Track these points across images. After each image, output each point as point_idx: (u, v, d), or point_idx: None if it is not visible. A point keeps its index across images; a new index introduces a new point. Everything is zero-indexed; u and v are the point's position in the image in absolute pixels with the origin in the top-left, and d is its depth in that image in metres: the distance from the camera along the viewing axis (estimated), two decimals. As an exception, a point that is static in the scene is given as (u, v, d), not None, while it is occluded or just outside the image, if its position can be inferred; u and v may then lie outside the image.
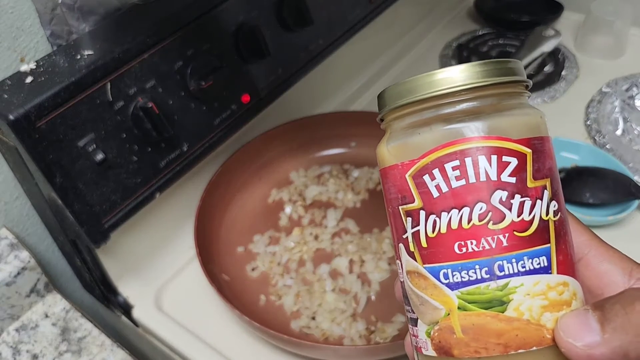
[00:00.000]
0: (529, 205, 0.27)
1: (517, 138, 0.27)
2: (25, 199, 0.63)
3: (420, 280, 0.28)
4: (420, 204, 0.28)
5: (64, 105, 0.48)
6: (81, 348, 0.62)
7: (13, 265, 0.61)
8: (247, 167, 0.72)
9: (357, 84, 0.90)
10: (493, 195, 0.27)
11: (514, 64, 0.29)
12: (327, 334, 0.58)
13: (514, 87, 0.29)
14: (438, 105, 0.28)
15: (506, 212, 0.27)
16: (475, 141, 0.27)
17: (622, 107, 0.80)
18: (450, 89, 0.28)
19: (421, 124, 0.28)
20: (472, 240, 0.27)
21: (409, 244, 0.29)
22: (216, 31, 0.59)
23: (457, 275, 0.27)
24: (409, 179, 0.28)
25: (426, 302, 0.28)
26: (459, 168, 0.27)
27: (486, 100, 0.28)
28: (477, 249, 0.27)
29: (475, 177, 0.27)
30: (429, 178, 0.27)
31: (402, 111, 0.29)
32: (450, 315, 0.27)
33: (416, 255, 0.28)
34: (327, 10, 0.71)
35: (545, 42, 0.84)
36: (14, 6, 0.53)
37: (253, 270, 0.65)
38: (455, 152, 0.27)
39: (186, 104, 0.58)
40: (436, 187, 0.27)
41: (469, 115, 0.28)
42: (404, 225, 0.29)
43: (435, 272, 0.28)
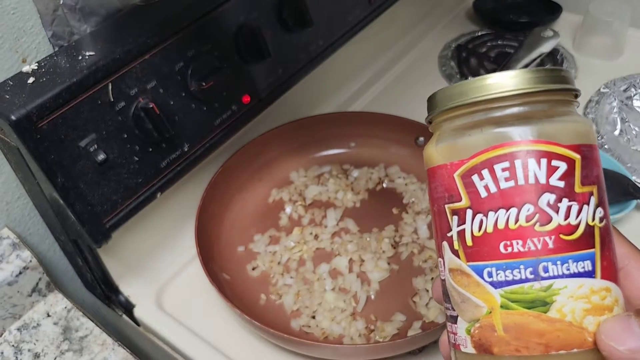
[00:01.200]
0: (576, 209, 0.28)
1: (566, 144, 0.28)
2: (27, 199, 0.63)
3: (463, 278, 0.29)
4: (468, 203, 0.29)
5: (65, 106, 0.48)
6: (82, 347, 0.62)
7: (15, 264, 0.62)
8: (248, 167, 0.72)
9: (357, 85, 0.90)
10: (541, 197, 0.27)
11: (565, 73, 0.30)
12: (327, 332, 0.58)
13: (564, 95, 0.30)
14: (490, 108, 0.29)
15: (553, 215, 0.27)
16: (526, 144, 0.28)
17: (620, 107, 0.80)
18: (504, 93, 0.28)
19: (472, 126, 0.29)
20: (518, 240, 0.27)
21: (454, 242, 0.29)
22: (217, 32, 0.59)
23: (501, 274, 0.28)
24: (457, 178, 0.29)
25: (468, 300, 0.29)
26: (508, 170, 0.28)
27: (537, 106, 0.29)
28: (523, 250, 0.27)
29: (524, 179, 0.27)
30: (478, 178, 0.28)
31: (453, 113, 0.30)
32: (492, 313, 0.28)
33: (460, 253, 0.29)
34: (327, 12, 0.71)
35: (544, 43, 0.84)
36: (15, 7, 0.53)
37: (253, 269, 0.66)
38: (505, 154, 0.28)
39: (187, 105, 0.58)
40: (485, 187, 0.28)
41: (520, 119, 0.28)
42: (449, 223, 0.30)
43: (479, 270, 0.28)
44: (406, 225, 0.68)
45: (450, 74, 0.93)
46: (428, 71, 0.95)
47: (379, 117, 0.75)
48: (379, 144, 0.76)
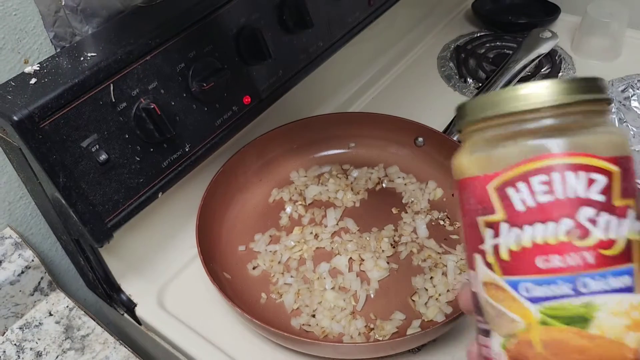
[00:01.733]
0: (616, 223, 0.27)
1: (604, 155, 0.27)
2: (29, 198, 0.63)
3: (497, 292, 0.28)
4: (503, 216, 0.28)
5: (67, 106, 0.49)
6: (84, 346, 0.62)
7: (17, 264, 0.62)
8: (248, 167, 0.73)
9: (357, 86, 0.91)
10: (579, 211, 0.27)
11: (600, 82, 0.29)
12: (327, 331, 0.59)
13: (599, 105, 0.29)
14: (524, 120, 0.28)
15: (592, 229, 0.27)
16: (563, 157, 0.27)
17: (618, 107, 0.81)
18: (539, 104, 0.28)
19: (505, 137, 0.28)
20: (556, 255, 0.27)
21: (487, 255, 0.29)
22: (218, 33, 0.59)
23: (538, 290, 0.27)
24: (491, 190, 0.28)
25: (503, 315, 0.28)
26: (545, 183, 0.27)
27: (572, 117, 0.28)
28: (561, 265, 0.27)
29: (562, 192, 0.27)
30: (514, 191, 0.28)
31: (485, 123, 0.29)
32: (529, 329, 0.27)
33: (495, 267, 0.28)
34: (327, 13, 0.71)
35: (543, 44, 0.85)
36: (17, 9, 0.54)
37: (254, 268, 0.66)
38: (542, 167, 0.27)
39: (188, 105, 0.58)
40: (521, 201, 0.27)
41: (555, 131, 0.28)
42: (481, 235, 0.29)
43: (515, 285, 0.28)
44: (405, 225, 0.69)
45: (449, 74, 0.94)
46: (427, 72, 0.96)
47: (378, 118, 0.75)
48: (378, 144, 0.77)
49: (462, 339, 0.58)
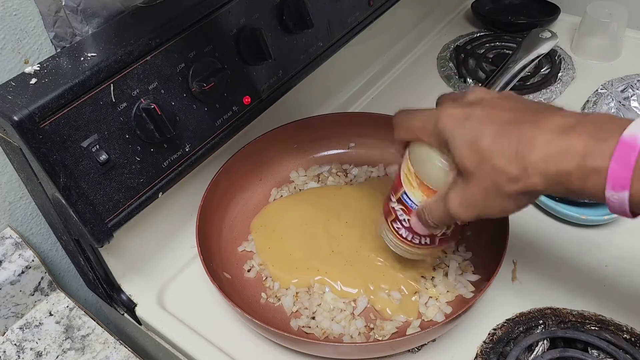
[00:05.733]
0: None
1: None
2: (29, 198, 0.63)
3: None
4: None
5: (67, 107, 0.49)
6: (84, 346, 0.62)
7: (17, 264, 0.62)
8: (248, 167, 0.73)
9: (357, 86, 0.91)
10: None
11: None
12: (327, 332, 0.59)
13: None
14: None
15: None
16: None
17: (617, 108, 0.81)
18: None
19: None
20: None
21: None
22: (218, 33, 0.59)
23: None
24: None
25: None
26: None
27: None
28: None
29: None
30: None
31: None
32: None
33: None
34: (327, 13, 0.71)
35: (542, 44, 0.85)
36: (17, 9, 0.54)
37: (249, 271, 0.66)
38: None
39: (188, 105, 0.58)
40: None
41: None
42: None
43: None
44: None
45: (449, 74, 0.94)
46: (427, 72, 0.96)
47: (378, 118, 0.75)
48: (378, 144, 0.77)
49: (462, 339, 0.58)
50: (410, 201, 0.51)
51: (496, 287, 0.61)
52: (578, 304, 0.59)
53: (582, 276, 0.62)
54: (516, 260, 0.65)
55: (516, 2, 1.07)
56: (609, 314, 0.58)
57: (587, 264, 0.64)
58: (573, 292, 0.61)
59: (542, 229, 0.68)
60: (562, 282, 0.62)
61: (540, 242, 0.66)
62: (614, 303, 0.59)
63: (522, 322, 0.58)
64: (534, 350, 0.55)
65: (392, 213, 0.54)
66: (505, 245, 0.57)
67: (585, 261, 0.64)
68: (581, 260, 0.64)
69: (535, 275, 0.63)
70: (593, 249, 0.65)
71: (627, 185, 0.36)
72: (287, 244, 0.66)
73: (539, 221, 0.69)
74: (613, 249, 0.65)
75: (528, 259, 0.65)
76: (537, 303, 0.60)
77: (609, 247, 0.65)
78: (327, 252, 0.65)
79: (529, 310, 0.59)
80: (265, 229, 0.69)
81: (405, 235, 0.54)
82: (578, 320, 0.57)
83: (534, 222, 0.69)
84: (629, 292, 0.60)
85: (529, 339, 0.56)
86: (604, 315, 0.58)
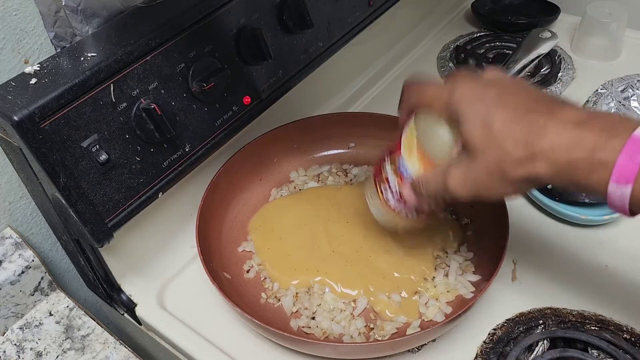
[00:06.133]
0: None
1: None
2: (29, 198, 0.63)
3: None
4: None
5: (67, 107, 0.49)
6: (84, 346, 0.62)
7: (17, 264, 0.62)
8: (248, 167, 0.73)
9: (357, 86, 0.91)
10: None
11: None
12: (327, 332, 0.59)
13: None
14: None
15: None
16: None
17: (617, 108, 0.81)
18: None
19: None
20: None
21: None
22: (218, 33, 0.59)
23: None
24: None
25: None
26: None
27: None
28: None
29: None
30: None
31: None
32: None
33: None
34: (327, 13, 0.71)
35: (542, 44, 0.85)
36: (17, 9, 0.54)
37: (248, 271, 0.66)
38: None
39: (188, 105, 0.58)
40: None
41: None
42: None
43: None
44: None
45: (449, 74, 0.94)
46: (427, 72, 0.96)
47: (378, 118, 0.75)
48: (378, 144, 0.76)
49: (462, 339, 0.58)
50: (404, 168, 0.51)
51: (496, 287, 0.61)
52: (578, 304, 0.59)
53: (582, 276, 0.62)
54: (516, 260, 0.65)
55: (516, 2, 1.07)
56: (609, 314, 0.58)
57: (587, 264, 0.64)
58: (573, 292, 0.61)
59: (542, 229, 0.68)
60: (562, 282, 0.62)
61: (540, 242, 0.66)
62: (614, 303, 0.59)
63: (522, 322, 0.58)
64: (534, 350, 0.55)
65: (382, 174, 0.54)
66: (505, 245, 0.57)
67: (585, 261, 0.64)
68: (581, 260, 0.64)
69: (535, 275, 0.63)
70: (593, 249, 0.65)
71: (631, 180, 0.36)
72: (287, 244, 0.66)
73: (539, 221, 0.69)
74: (613, 249, 0.65)
75: (528, 259, 0.65)
76: (537, 303, 0.60)
77: (609, 247, 0.65)
78: (327, 252, 0.65)
79: (529, 310, 0.59)
80: (264, 229, 0.69)
81: (389, 200, 0.54)
82: (578, 320, 0.57)
83: (534, 222, 0.69)
84: (629, 292, 0.60)
85: (529, 339, 0.56)
86: (604, 315, 0.58)
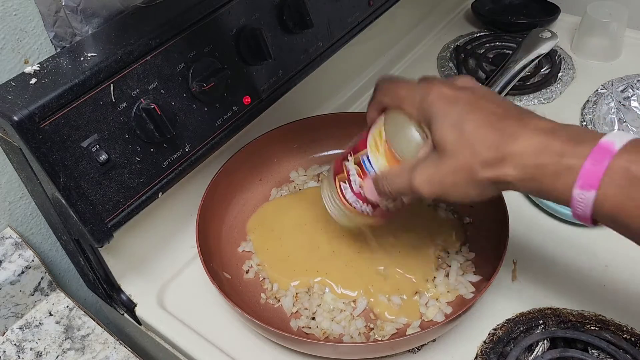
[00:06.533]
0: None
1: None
2: (29, 198, 0.63)
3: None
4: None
5: (67, 106, 0.49)
6: (84, 346, 0.62)
7: (17, 264, 0.62)
8: (248, 167, 0.73)
9: (357, 86, 0.91)
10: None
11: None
12: (327, 332, 0.59)
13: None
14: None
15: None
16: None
17: (617, 107, 0.81)
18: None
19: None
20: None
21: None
22: (218, 33, 0.59)
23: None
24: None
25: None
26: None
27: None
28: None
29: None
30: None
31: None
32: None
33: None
34: (327, 13, 0.71)
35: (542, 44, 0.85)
36: (17, 9, 0.54)
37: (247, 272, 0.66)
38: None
39: (188, 105, 0.58)
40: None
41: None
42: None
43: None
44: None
45: (449, 74, 0.94)
46: (427, 72, 0.95)
47: (378, 118, 0.75)
48: (378, 144, 0.77)
49: (462, 339, 0.58)
50: (369, 165, 0.51)
51: (496, 287, 0.61)
52: (578, 304, 0.59)
53: (582, 276, 0.62)
54: (516, 260, 0.65)
55: (516, 2, 1.07)
56: (609, 314, 0.58)
57: (587, 264, 0.64)
58: (573, 292, 0.61)
59: (542, 229, 0.68)
60: (562, 282, 0.62)
61: (540, 242, 0.66)
62: (614, 303, 0.59)
63: (522, 322, 0.58)
64: (534, 350, 0.55)
65: (343, 172, 0.54)
66: (505, 245, 0.57)
67: (585, 261, 0.64)
68: (581, 260, 0.64)
69: (535, 275, 0.63)
70: (593, 249, 0.65)
71: (595, 185, 0.37)
72: (286, 245, 0.66)
73: (539, 221, 0.69)
74: (613, 249, 0.65)
75: (528, 259, 0.65)
76: (537, 303, 0.60)
77: (609, 247, 0.65)
78: (327, 252, 0.65)
79: (529, 310, 0.59)
80: (263, 229, 0.69)
81: (348, 197, 0.54)
82: (578, 320, 0.57)
83: (534, 222, 0.69)
84: (629, 292, 0.60)
85: (529, 339, 0.56)
86: (604, 315, 0.58)
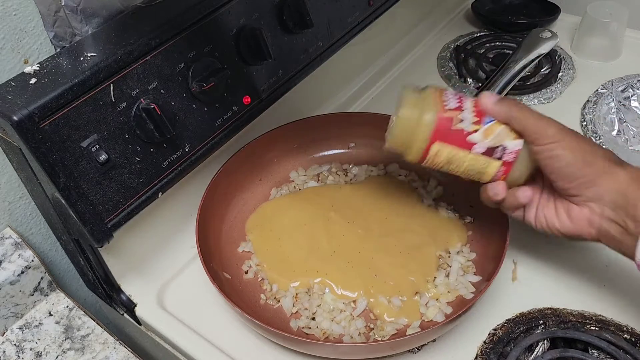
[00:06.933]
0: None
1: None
2: (29, 198, 0.63)
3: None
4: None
5: (67, 106, 0.49)
6: (84, 346, 0.62)
7: (17, 264, 0.62)
8: (248, 167, 0.73)
9: (357, 86, 0.91)
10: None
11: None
12: (327, 332, 0.59)
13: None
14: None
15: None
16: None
17: (617, 107, 0.81)
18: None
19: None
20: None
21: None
22: (218, 33, 0.59)
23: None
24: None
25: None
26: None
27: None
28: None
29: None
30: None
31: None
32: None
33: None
34: (327, 13, 0.71)
35: (542, 44, 0.85)
36: (17, 9, 0.54)
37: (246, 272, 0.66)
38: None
39: (188, 105, 0.58)
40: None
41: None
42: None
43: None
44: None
45: (449, 74, 0.94)
46: (427, 72, 0.96)
47: (378, 118, 0.75)
48: (378, 144, 0.76)
49: (462, 339, 0.58)
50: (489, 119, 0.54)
51: (496, 287, 0.61)
52: (578, 304, 0.59)
53: (582, 276, 0.62)
54: (516, 260, 0.65)
55: (516, 2, 1.07)
56: (609, 314, 0.58)
57: (587, 264, 0.64)
58: (573, 292, 0.61)
59: (542, 229, 0.68)
60: (562, 282, 0.62)
61: (540, 242, 0.66)
62: (614, 303, 0.59)
63: (522, 322, 0.58)
64: (534, 350, 0.55)
65: (453, 101, 0.56)
66: (505, 245, 0.57)
67: (585, 261, 0.64)
68: (581, 260, 0.64)
69: (535, 275, 0.63)
70: (593, 249, 0.65)
71: None
72: (286, 245, 0.66)
73: (539, 221, 0.69)
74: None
75: (528, 259, 0.65)
76: (537, 303, 0.60)
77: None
78: (327, 252, 0.64)
79: (529, 310, 0.59)
80: (262, 229, 0.69)
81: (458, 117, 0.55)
82: (578, 320, 0.57)
83: (534, 222, 0.69)
84: (629, 292, 0.60)
85: (529, 339, 0.56)
86: (604, 315, 0.58)
